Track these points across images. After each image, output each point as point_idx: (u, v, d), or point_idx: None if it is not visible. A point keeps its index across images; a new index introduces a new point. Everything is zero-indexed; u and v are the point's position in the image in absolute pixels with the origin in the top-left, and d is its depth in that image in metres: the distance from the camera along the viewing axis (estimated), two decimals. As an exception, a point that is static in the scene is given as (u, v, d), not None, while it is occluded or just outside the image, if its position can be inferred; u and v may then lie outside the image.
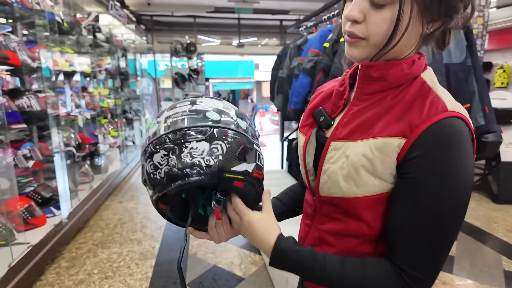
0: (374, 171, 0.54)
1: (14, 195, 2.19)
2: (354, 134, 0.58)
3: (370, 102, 0.59)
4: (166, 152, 0.53)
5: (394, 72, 0.55)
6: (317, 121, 0.68)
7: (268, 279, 2.23)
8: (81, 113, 3.23)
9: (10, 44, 2.22)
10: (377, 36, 0.52)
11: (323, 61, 1.87)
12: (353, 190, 0.56)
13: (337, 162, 0.59)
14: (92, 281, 2.22)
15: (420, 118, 0.51)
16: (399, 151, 0.52)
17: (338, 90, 0.67)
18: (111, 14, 4.18)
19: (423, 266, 0.52)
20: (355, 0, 0.52)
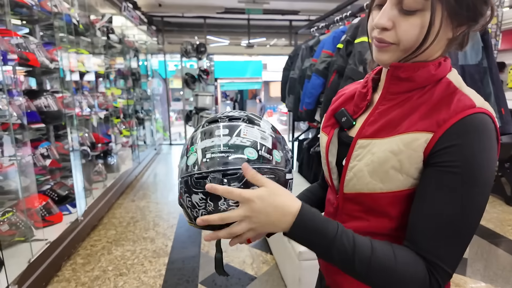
0: (400, 167, 0.55)
1: (33, 193, 2.25)
2: (380, 132, 0.60)
3: (396, 102, 0.60)
4: (205, 196, 0.55)
5: (422, 73, 0.57)
6: (339, 121, 0.70)
7: (280, 279, 2.25)
8: (96, 113, 3.29)
9: (30, 46, 2.28)
10: (408, 42, 0.53)
11: (337, 62, 1.88)
12: (378, 185, 0.58)
13: (363, 159, 0.60)
14: (107, 278, 2.27)
15: (448, 114, 0.52)
16: (425, 146, 0.53)
17: (361, 91, 0.69)
18: (124, 16, 4.25)
19: (452, 258, 0.52)
20: (383, 9, 0.54)
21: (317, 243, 0.53)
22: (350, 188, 0.63)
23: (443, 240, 0.52)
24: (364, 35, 1.65)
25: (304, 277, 1.82)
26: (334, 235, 0.52)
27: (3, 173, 1.92)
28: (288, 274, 2.10)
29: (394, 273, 0.52)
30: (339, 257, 0.53)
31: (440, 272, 0.52)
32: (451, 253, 0.52)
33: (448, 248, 0.52)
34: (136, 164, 4.68)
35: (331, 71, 2.00)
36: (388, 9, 0.53)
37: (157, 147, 6.51)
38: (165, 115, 7.60)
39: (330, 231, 0.53)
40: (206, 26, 7.03)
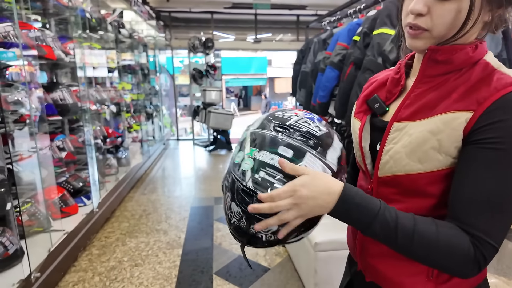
0: (439, 146, 0.56)
1: (51, 184, 2.29)
2: (417, 114, 0.60)
3: (432, 84, 0.61)
4: (242, 214, 0.58)
5: (459, 56, 0.57)
6: (372, 108, 0.71)
7: (293, 270, 2.27)
8: (108, 106, 3.32)
9: (47, 39, 2.30)
10: (442, 27, 0.55)
11: (354, 54, 1.88)
12: (417, 166, 0.58)
13: (400, 141, 0.61)
14: (123, 268, 2.30)
15: (488, 92, 0.53)
16: (465, 124, 0.54)
17: (394, 77, 0.69)
18: (134, 10, 4.26)
19: (498, 232, 0.53)
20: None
21: (361, 219, 0.55)
22: (386, 171, 0.64)
23: (487, 214, 0.52)
24: (382, 27, 1.65)
25: (320, 268, 1.83)
26: (377, 210, 0.55)
27: (23, 164, 1.95)
28: (302, 265, 2.11)
29: (436, 245, 0.53)
30: (382, 231, 0.54)
31: (485, 246, 0.52)
32: (496, 227, 0.53)
33: (493, 222, 0.53)
34: (146, 159, 4.72)
35: (347, 63, 2.00)
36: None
37: (165, 142, 6.55)
38: (172, 110, 7.63)
39: (373, 207, 0.55)
40: (213, 21, 7.02)
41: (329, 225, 0.66)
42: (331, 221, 0.65)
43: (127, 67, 4.37)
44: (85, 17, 2.80)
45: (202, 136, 7.82)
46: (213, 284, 2.13)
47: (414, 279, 0.64)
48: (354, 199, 0.55)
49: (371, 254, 0.70)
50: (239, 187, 0.58)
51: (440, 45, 0.58)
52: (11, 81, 1.96)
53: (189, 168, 5.34)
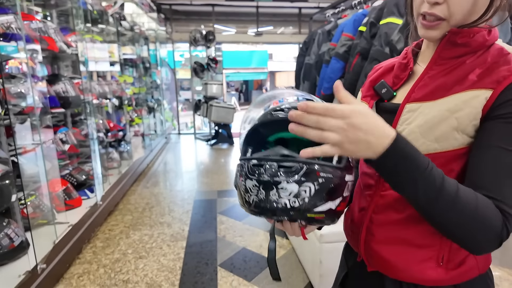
0: (457, 125, 0.55)
1: (55, 177, 2.28)
2: (433, 95, 0.59)
3: (447, 67, 0.60)
4: (258, 184, 0.55)
5: (477, 38, 0.57)
6: (379, 93, 0.69)
7: (297, 262, 2.27)
8: (110, 100, 3.30)
9: (49, 30, 2.28)
10: (459, 15, 0.54)
11: (360, 44, 1.86)
12: (433, 146, 0.57)
13: (414, 121, 0.60)
14: (127, 260, 2.31)
15: (508, 71, 0.53)
16: (485, 102, 0.54)
17: (401, 62, 0.68)
18: (135, 3, 4.22)
19: None
20: None
21: (407, 172, 0.49)
22: None
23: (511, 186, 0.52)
24: (390, 16, 1.63)
25: (326, 259, 1.83)
26: (426, 166, 0.50)
27: (27, 156, 1.94)
28: (307, 257, 2.12)
29: (474, 214, 0.51)
30: (424, 190, 0.50)
31: (510, 219, 0.51)
32: None
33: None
34: (148, 152, 4.71)
35: (352, 54, 1.98)
36: None
37: (167, 136, 6.54)
38: (173, 104, 7.61)
39: (422, 162, 0.50)
40: (214, 14, 6.96)
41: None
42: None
43: (128, 61, 4.35)
44: (87, 9, 2.77)
45: (203, 130, 7.80)
46: (218, 275, 2.14)
47: (423, 265, 0.62)
48: (405, 150, 0.49)
49: (377, 240, 0.68)
50: (248, 165, 0.58)
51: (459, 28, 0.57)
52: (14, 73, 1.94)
53: (191, 162, 5.34)
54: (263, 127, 0.63)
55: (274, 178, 0.54)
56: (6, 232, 1.75)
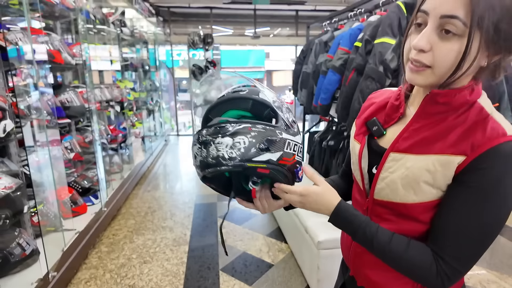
0: (434, 183, 0.63)
1: (62, 185, 2.36)
2: (414, 148, 0.65)
3: (431, 121, 0.65)
4: (200, 145, 0.65)
5: (458, 99, 0.61)
6: (370, 129, 0.76)
7: (296, 266, 2.37)
8: (113, 107, 3.37)
9: (54, 42, 2.34)
10: (443, 66, 0.57)
11: (356, 60, 1.95)
12: (412, 197, 0.65)
13: (397, 172, 0.67)
14: (132, 265, 2.40)
15: (482, 140, 0.58)
16: (457, 166, 0.60)
17: (393, 103, 0.74)
18: (135, 8, 4.27)
19: (465, 260, 0.62)
20: (424, 31, 0.57)
21: (347, 229, 0.71)
22: (382, 196, 0.71)
23: (458, 243, 0.61)
24: (384, 36, 1.72)
25: (323, 265, 1.93)
26: (358, 225, 0.69)
27: (36, 166, 2.02)
28: (305, 262, 2.22)
29: (402, 258, 0.65)
30: (362, 241, 0.69)
31: (451, 268, 0.62)
32: (464, 255, 0.62)
33: (462, 250, 0.62)
34: (148, 155, 4.79)
35: (349, 68, 2.07)
36: (428, 32, 0.57)
37: (166, 138, 6.60)
38: (171, 104, 7.66)
39: (357, 223, 0.69)
40: (212, 16, 7.01)
41: (331, 225, 0.75)
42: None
43: (129, 65, 4.40)
44: (90, 19, 2.83)
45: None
46: (220, 280, 2.23)
47: (402, 287, 0.72)
48: (344, 214, 0.70)
49: (363, 262, 0.78)
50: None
51: (437, 87, 0.62)
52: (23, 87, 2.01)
53: (191, 164, 5.41)
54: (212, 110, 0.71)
55: (211, 137, 0.63)
56: (18, 241, 1.83)
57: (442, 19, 0.55)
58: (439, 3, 0.55)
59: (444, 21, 0.55)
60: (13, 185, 1.71)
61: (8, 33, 1.84)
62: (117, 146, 3.66)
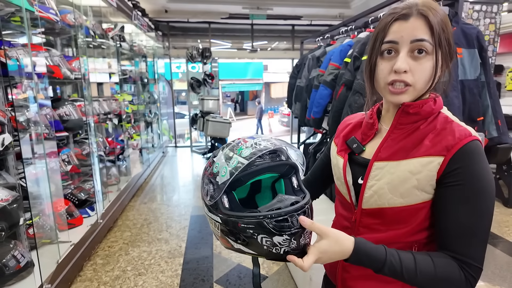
0: (418, 184, 0.69)
1: (59, 197, 2.39)
2: (396, 155, 0.73)
3: (405, 130, 0.74)
4: (289, 237, 0.65)
5: (425, 108, 0.72)
6: (350, 147, 0.83)
7: (290, 278, 2.39)
8: (111, 120, 3.42)
9: (53, 58, 2.41)
10: (422, 82, 0.68)
11: (345, 76, 2.02)
12: (399, 200, 0.71)
13: (383, 178, 0.73)
14: (127, 277, 2.40)
15: (453, 141, 0.67)
16: (439, 167, 0.67)
17: (368, 122, 0.82)
18: (134, 24, 4.38)
19: (480, 255, 0.67)
20: (400, 56, 0.67)
21: (373, 266, 0.67)
22: (371, 204, 0.75)
23: (470, 243, 0.66)
24: (371, 53, 1.79)
25: (315, 276, 1.95)
26: (384, 258, 0.66)
27: (33, 179, 2.05)
28: (298, 273, 2.23)
29: (435, 278, 0.66)
30: (390, 273, 0.67)
31: (473, 269, 0.66)
32: (477, 251, 0.67)
33: (475, 248, 0.66)
34: (146, 167, 4.82)
35: (339, 83, 2.14)
36: (404, 56, 0.67)
37: (164, 150, 6.64)
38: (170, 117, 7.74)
39: (380, 256, 0.66)
40: (210, 30, 7.17)
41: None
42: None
43: (127, 79, 4.48)
44: (89, 35, 2.91)
45: (199, 142, 7.92)
46: (214, 292, 2.24)
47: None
48: (363, 256, 0.66)
49: (352, 276, 0.81)
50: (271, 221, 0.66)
51: (414, 100, 0.72)
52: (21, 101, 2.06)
53: (188, 176, 5.44)
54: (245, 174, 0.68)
55: (297, 229, 0.65)
56: (13, 253, 1.85)
57: (412, 44, 0.67)
58: (407, 32, 0.67)
59: (414, 45, 0.67)
60: (10, 198, 1.74)
61: (9, 49, 1.91)
62: (114, 158, 3.70)
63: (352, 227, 0.81)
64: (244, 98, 20.96)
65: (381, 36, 0.70)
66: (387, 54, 0.69)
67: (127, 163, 4.07)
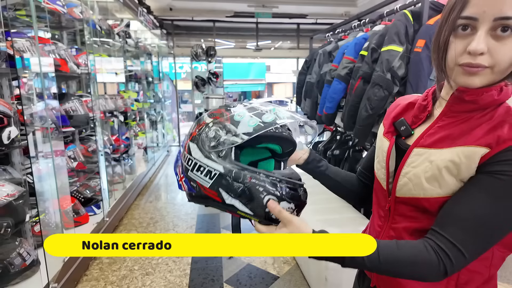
0: (458, 174, 0.61)
1: (65, 194, 2.33)
2: (439, 144, 0.65)
3: (456, 119, 0.65)
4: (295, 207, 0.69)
5: (485, 98, 0.61)
6: (398, 130, 0.75)
7: (302, 278, 2.31)
8: (117, 117, 3.37)
9: (60, 52, 2.36)
10: (503, 65, 0.56)
11: (362, 68, 1.95)
12: (437, 191, 0.64)
13: (420, 166, 0.66)
14: (134, 277, 2.34)
15: (509, 134, 0.58)
16: (481, 157, 0.59)
17: (421, 104, 0.74)
18: (139, 20, 4.33)
19: (473, 249, 0.59)
20: (479, 35, 0.56)
21: (334, 260, 0.63)
22: (404, 192, 0.69)
23: (469, 231, 0.59)
24: (391, 44, 1.72)
25: (331, 276, 1.88)
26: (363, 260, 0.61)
27: (39, 175, 1.99)
28: (312, 273, 2.16)
29: (399, 261, 0.60)
30: (354, 265, 0.62)
31: (456, 253, 0.58)
32: (473, 244, 0.59)
33: (472, 239, 0.59)
34: (150, 166, 4.76)
35: (354, 77, 2.07)
36: (483, 35, 0.56)
37: (169, 149, 6.59)
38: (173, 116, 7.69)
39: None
40: (215, 29, 7.12)
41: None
42: (341, 230, 0.69)
43: (133, 76, 4.43)
44: (96, 29, 2.86)
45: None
46: (224, 292, 2.17)
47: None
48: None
49: None
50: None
51: (492, 84, 0.60)
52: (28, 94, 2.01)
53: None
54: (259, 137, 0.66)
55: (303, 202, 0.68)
56: (19, 251, 1.79)
57: (496, 22, 0.55)
58: (490, 7, 0.55)
59: (498, 23, 0.55)
60: (16, 193, 1.68)
61: (16, 41, 1.85)
62: (119, 156, 3.64)
63: (386, 216, 0.75)
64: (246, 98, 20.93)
65: (459, 7, 0.58)
66: (461, 31, 0.58)
67: (132, 161, 4.00)
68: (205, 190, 0.67)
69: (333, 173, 0.89)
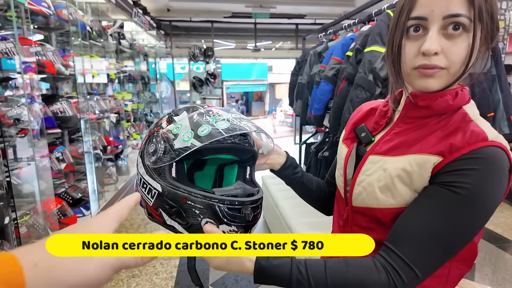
0: (411, 184, 0.59)
1: (50, 196, 2.32)
2: (393, 151, 0.63)
3: (413, 125, 0.63)
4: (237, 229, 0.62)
5: (439, 103, 0.59)
6: (358, 136, 0.73)
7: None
8: (108, 117, 3.36)
9: (47, 53, 2.35)
10: (457, 64, 0.55)
11: (347, 70, 1.92)
12: (390, 201, 0.61)
13: (374, 174, 0.64)
14: (120, 279, 2.32)
15: (462, 142, 0.55)
16: (433, 166, 0.57)
17: (382, 110, 0.72)
18: (134, 22, 4.33)
19: (426, 265, 0.56)
20: (430, 35, 0.54)
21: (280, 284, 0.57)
22: (359, 202, 0.66)
23: (424, 247, 0.56)
24: (373, 45, 1.69)
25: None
26: (289, 277, 0.56)
27: (22, 176, 1.99)
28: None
29: (347, 283, 0.56)
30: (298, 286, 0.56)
31: (407, 271, 0.55)
32: (426, 260, 0.56)
33: (424, 255, 0.56)
34: (145, 167, 4.75)
35: (340, 78, 2.04)
36: (435, 35, 0.54)
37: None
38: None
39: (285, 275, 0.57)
40: (213, 30, 7.11)
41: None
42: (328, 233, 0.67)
43: (127, 77, 4.43)
44: (86, 30, 2.86)
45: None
46: (209, 296, 2.15)
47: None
48: (270, 272, 0.57)
49: None
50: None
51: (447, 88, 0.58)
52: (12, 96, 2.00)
53: (189, 176, 5.38)
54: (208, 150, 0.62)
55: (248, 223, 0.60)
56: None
57: (445, 20, 0.54)
58: (439, 5, 0.54)
59: (448, 21, 0.54)
60: (-6, 195, 1.67)
61: (-1, 43, 1.85)
62: (113, 157, 3.64)
63: (344, 225, 0.73)
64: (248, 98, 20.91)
65: (407, 9, 0.56)
66: (413, 32, 0.57)
67: (126, 162, 4.00)
68: (149, 208, 0.63)
69: (307, 181, 0.87)
